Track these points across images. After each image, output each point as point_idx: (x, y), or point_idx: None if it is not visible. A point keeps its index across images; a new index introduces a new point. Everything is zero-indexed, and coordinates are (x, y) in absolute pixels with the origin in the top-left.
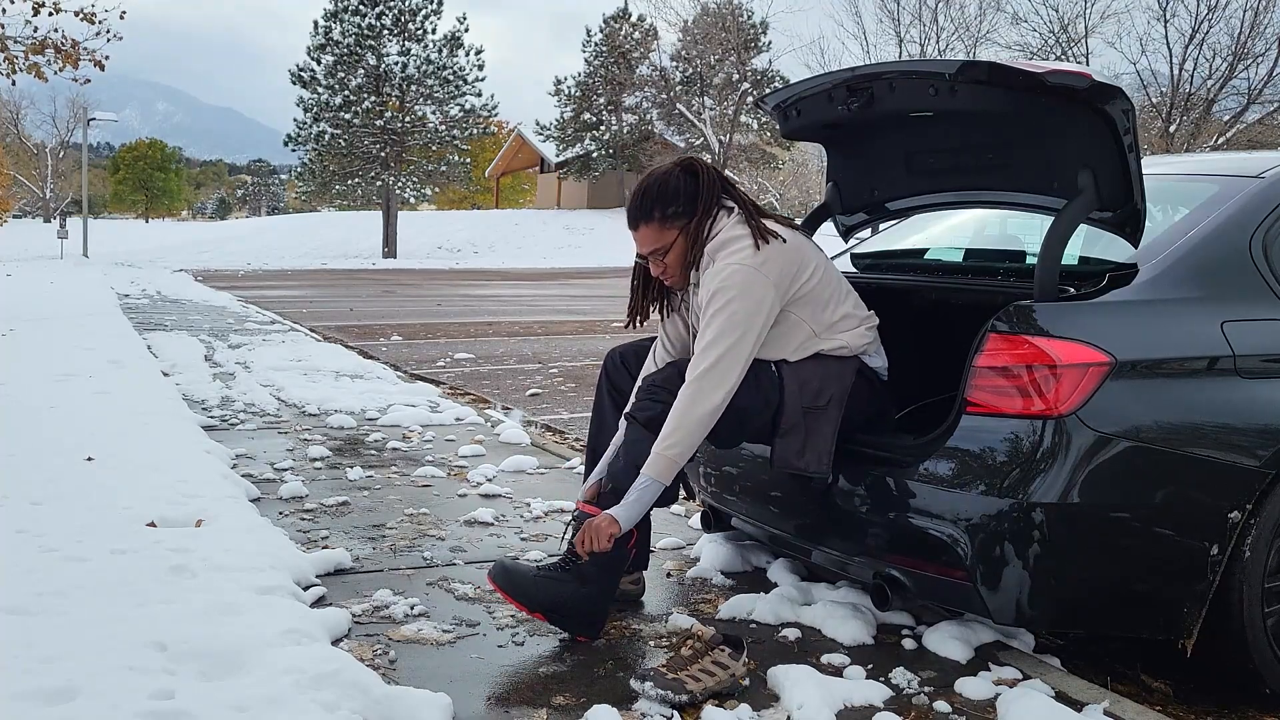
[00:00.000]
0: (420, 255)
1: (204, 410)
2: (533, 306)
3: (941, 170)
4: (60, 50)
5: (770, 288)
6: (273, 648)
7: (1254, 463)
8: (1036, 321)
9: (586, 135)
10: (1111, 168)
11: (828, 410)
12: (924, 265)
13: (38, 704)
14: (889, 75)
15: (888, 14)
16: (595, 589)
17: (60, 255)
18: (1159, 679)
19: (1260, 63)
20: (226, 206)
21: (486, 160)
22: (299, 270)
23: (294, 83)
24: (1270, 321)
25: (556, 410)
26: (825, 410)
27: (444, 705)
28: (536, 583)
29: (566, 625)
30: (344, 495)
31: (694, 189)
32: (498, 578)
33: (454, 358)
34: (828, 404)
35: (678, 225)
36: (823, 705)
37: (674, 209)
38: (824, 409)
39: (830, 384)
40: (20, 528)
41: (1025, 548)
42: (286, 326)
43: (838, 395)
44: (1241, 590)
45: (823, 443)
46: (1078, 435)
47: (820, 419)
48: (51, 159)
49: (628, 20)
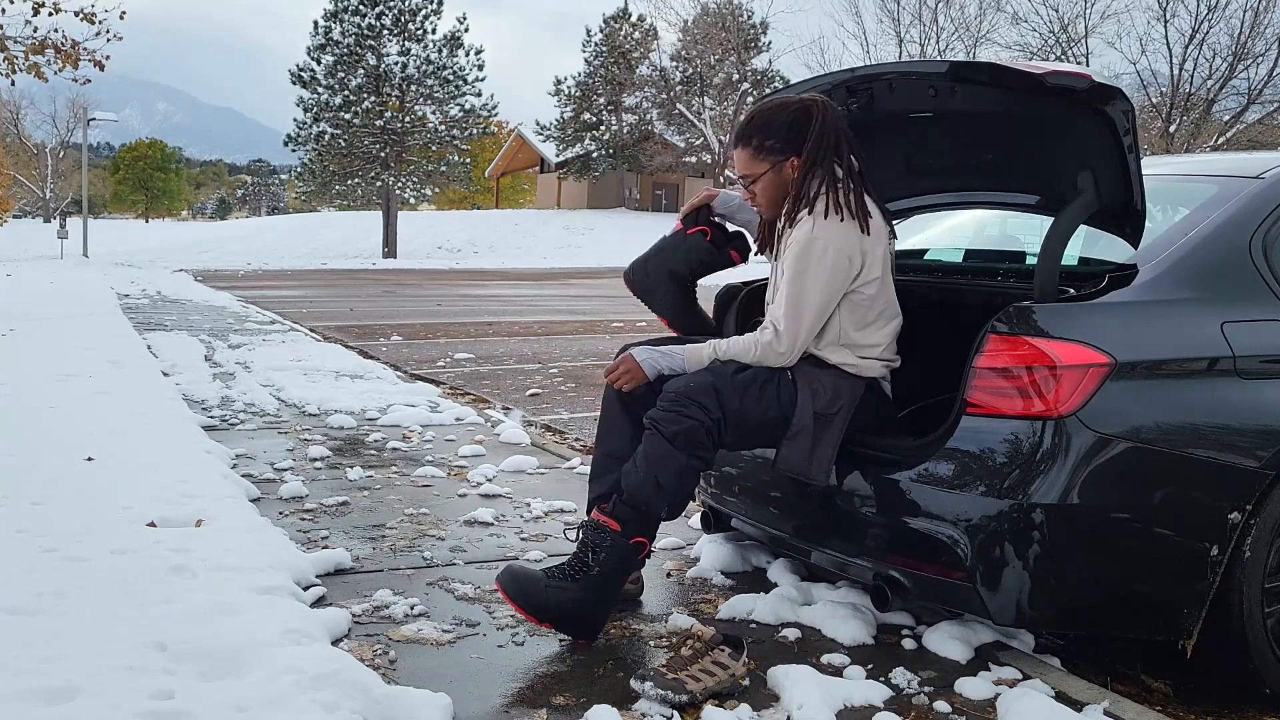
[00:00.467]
0: (420, 255)
1: (204, 410)
2: (533, 306)
3: (941, 171)
4: (60, 50)
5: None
6: (273, 648)
7: (1254, 463)
8: (1036, 322)
9: (586, 135)
10: (1111, 169)
11: (835, 419)
12: (924, 266)
13: (38, 704)
14: (888, 76)
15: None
16: (601, 595)
17: (60, 255)
18: (1159, 679)
19: (1260, 63)
20: (226, 206)
21: (486, 160)
22: (299, 270)
23: (294, 83)
24: (1270, 322)
25: (556, 410)
26: (833, 419)
27: (444, 705)
28: (547, 592)
29: (571, 631)
30: (344, 495)
31: (801, 131)
32: (507, 586)
33: (454, 358)
34: (836, 413)
35: (770, 160)
36: (823, 705)
37: (772, 142)
38: (832, 417)
39: (842, 394)
40: (20, 528)
41: (1025, 548)
42: (286, 326)
43: (846, 406)
44: (1241, 591)
45: (827, 452)
46: (1078, 436)
47: (827, 427)
48: (51, 159)
49: (628, 20)
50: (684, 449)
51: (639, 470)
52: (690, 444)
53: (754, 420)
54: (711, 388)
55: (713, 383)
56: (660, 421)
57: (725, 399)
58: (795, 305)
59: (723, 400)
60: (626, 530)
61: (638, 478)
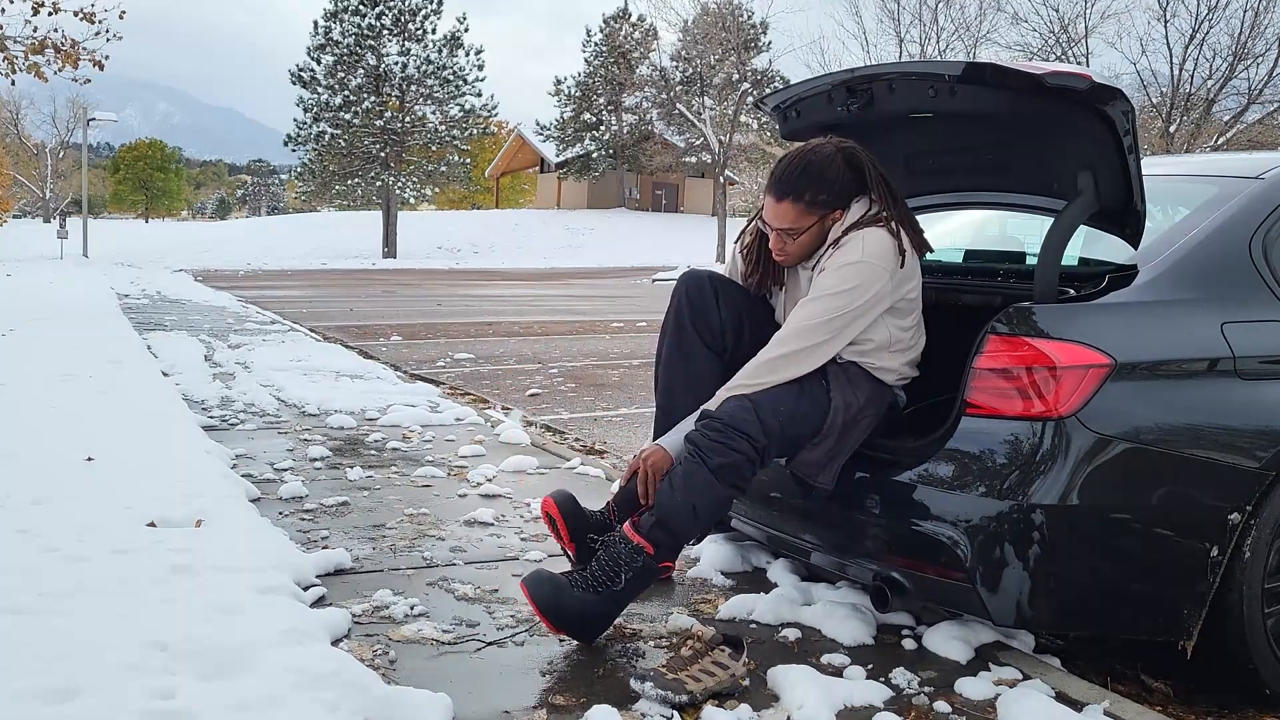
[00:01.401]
0: (420, 255)
1: (204, 410)
2: (532, 306)
3: (941, 171)
4: (60, 50)
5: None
6: (273, 648)
7: (1254, 464)
8: (1036, 323)
9: (586, 135)
10: (1111, 169)
11: (858, 428)
12: (924, 266)
13: (38, 704)
14: (888, 76)
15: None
16: (618, 609)
17: (60, 255)
18: (1159, 679)
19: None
20: (226, 206)
21: (486, 160)
22: (299, 270)
23: (294, 83)
24: (1270, 323)
25: (556, 410)
26: (856, 428)
27: (444, 705)
28: (570, 601)
29: (577, 636)
30: (344, 495)
31: (850, 182)
32: (534, 591)
33: (454, 358)
34: (862, 422)
35: (819, 213)
36: (823, 705)
37: (825, 196)
38: (856, 426)
39: (869, 407)
40: (20, 528)
41: (1025, 549)
42: (286, 326)
43: (873, 416)
44: (1241, 591)
45: (840, 460)
46: (1077, 437)
47: (849, 436)
48: (51, 159)
49: (628, 20)
50: (726, 481)
51: (677, 495)
52: (734, 476)
53: (791, 435)
54: (754, 414)
55: (754, 407)
56: (705, 451)
57: (767, 422)
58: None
59: (765, 425)
60: (659, 554)
61: (675, 503)
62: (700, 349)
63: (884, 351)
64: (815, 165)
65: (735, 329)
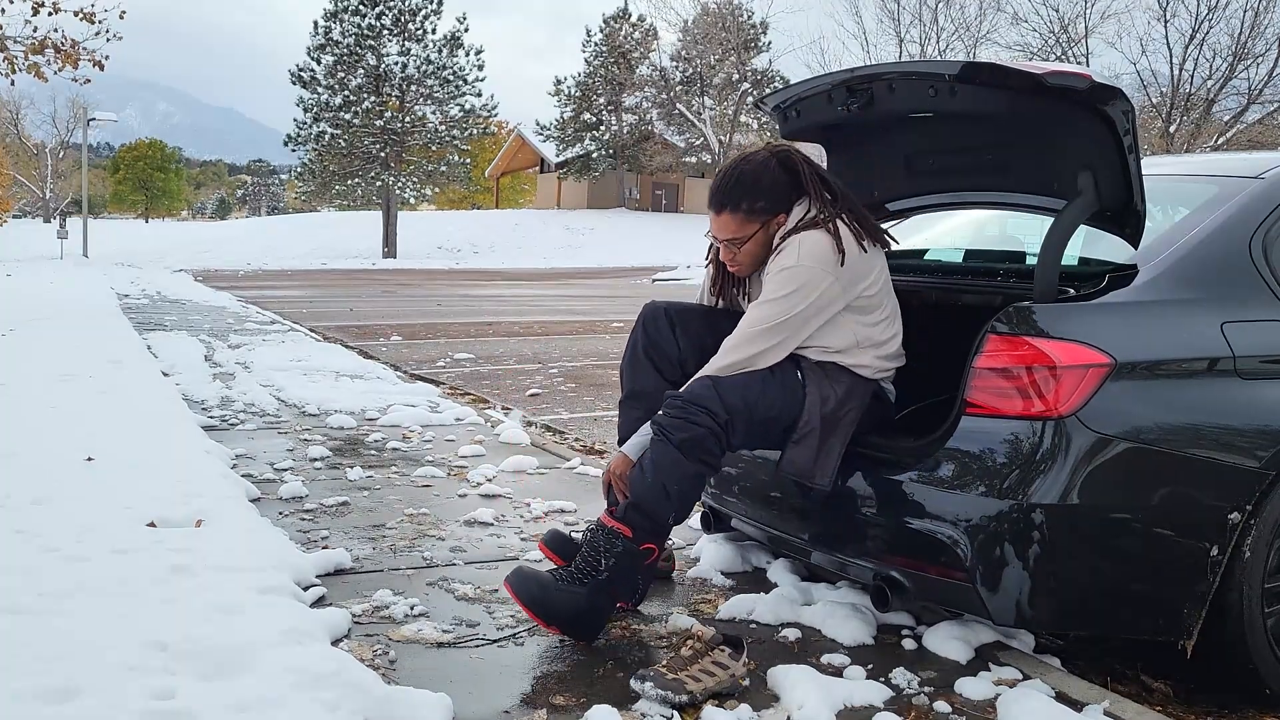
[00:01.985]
0: (420, 255)
1: (204, 410)
2: (532, 306)
3: (941, 171)
4: (60, 50)
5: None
6: (273, 648)
7: (1254, 463)
8: (1036, 322)
9: (586, 135)
10: (1111, 169)
11: (842, 423)
12: (924, 266)
13: (38, 704)
14: (888, 76)
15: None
16: (607, 599)
17: (60, 255)
18: (1159, 679)
19: (1260, 63)
20: (226, 206)
21: (486, 160)
22: (299, 270)
23: (294, 83)
24: (1270, 322)
25: (556, 410)
26: (841, 422)
27: (444, 705)
28: (556, 595)
29: (574, 633)
30: (344, 495)
31: (786, 185)
32: (516, 587)
33: (454, 358)
34: (845, 416)
35: (760, 220)
36: (823, 705)
37: (762, 203)
38: (840, 421)
39: (851, 399)
40: (20, 528)
41: (1025, 549)
42: (286, 326)
43: (855, 409)
44: (1241, 591)
45: (831, 457)
46: (1077, 436)
47: (834, 431)
48: (51, 159)
49: (628, 20)
50: (693, 456)
51: (648, 477)
52: (699, 451)
53: (760, 418)
54: (714, 391)
55: (714, 385)
56: (668, 429)
57: (729, 400)
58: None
59: (727, 402)
60: (638, 536)
61: (646, 485)
62: (655, 379)
63: (855, 350)
64: (749, 174)
65: (697, 357)
